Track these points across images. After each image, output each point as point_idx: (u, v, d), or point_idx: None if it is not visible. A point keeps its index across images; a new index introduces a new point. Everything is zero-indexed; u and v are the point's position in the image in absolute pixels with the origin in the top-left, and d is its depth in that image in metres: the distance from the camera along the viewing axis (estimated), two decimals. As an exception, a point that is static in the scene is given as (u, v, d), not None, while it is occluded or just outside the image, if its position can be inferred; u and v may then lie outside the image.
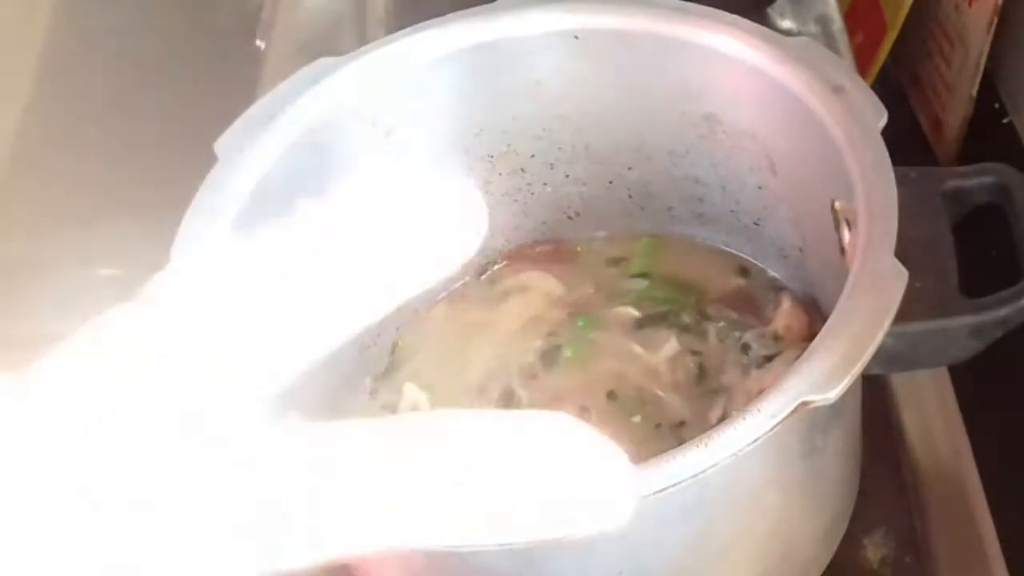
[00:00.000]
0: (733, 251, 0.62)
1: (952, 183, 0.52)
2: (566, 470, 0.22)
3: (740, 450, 0.41)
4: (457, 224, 0.25)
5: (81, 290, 0.63)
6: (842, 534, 0.55)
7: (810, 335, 0.49)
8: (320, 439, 0.23)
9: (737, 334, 0.59)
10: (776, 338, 0.57)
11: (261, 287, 0.24)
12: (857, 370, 0.42)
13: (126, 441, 0.22)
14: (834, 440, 0.50)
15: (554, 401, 0.58)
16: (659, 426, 0.56)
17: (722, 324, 0.59)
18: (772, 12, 0.73)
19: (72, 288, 0.62)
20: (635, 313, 0.61)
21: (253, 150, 0.53)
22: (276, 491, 0.22)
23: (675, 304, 0.61)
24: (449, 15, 0.58)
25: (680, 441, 0.54)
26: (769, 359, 0.57)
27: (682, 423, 0.56)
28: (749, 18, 0.55)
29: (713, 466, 0.41)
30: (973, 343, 0.49)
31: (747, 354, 0.58)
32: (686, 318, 0.60)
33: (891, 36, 0.75)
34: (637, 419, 0.57)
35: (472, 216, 0.25)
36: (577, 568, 0.46)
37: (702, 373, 0.58)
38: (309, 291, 0.24)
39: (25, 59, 0.87)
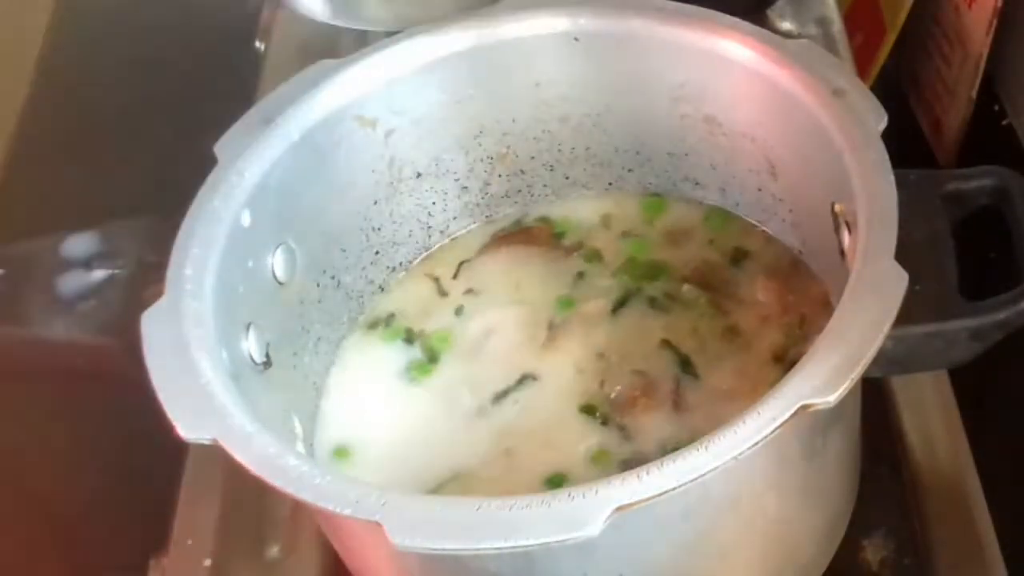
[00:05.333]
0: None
1: (952, 185, 0.52)
2: None
3: (741, 453, 0.41)
4: None
5: (81, 290, 0.63)
6: (842, 536, 0.55)
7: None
8: None
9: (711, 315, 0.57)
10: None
11: None
12: (857, 374, 0.42)
13: None
14: (834, 442, 0.50)
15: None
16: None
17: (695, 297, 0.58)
18: (772, 14, 0.73)
19: (72, 288, 0.62)
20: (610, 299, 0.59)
21: (253, 152, 0.53)
22: None
23: (648, 280, 0.59)
24: (448, 17, 0.58)
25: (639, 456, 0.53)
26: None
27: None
28: (749, 20, 0.55)
29: (714, 469, 0.41)
30: (973, 346, 0.49)
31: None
32: (656, 294, 0.58)
33: (891, 37, 0.75)
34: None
35: None
36: (577, 570, 0.46)
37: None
38: None
39: (25, 59, 0.88)
